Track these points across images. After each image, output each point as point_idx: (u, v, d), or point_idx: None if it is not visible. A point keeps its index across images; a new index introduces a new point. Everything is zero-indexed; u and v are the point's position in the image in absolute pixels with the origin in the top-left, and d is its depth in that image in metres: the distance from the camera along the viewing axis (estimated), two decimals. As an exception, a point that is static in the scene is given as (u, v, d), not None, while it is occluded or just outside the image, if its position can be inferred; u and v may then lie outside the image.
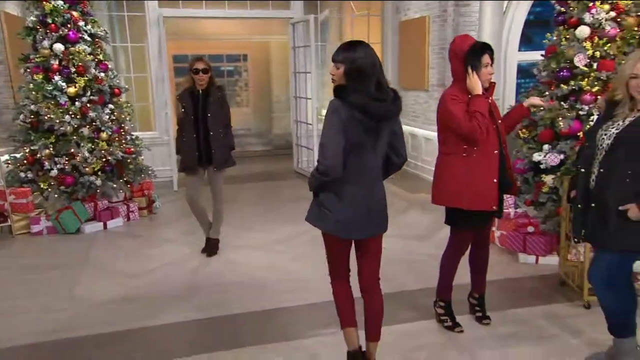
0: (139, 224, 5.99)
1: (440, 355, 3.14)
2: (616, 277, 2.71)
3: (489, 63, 3.10)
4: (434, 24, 7.33)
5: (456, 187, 3.15)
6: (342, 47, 2.56)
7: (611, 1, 4.19)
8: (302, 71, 8.07)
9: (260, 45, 11.57)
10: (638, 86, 2.52)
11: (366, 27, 8.71)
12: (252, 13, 8.18)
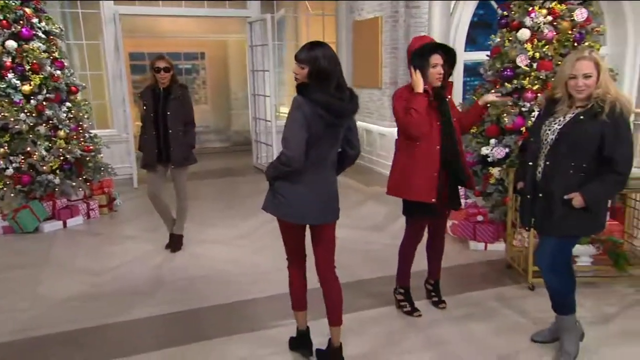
0: (100, 221, 5.83)
1: (399, 339, 3.22)
2: (559, 260, 2.87)
3: (438, 63, 3.15)
4: (387, 24, 7.44)
5: (402, 178, 3.28)
6: (306, 47, 2.64)
7: (548, 6, 4.36)
8: (260, 69, 8.04)
9: (217, 44, 11.41)
10: (576, 85, 2.65)
11: (321, 27, 8.75)
12: (209, 11, 8.07)
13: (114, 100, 7.75)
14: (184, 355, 3.10)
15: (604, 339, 3.17)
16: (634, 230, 4.16)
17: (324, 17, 8.74)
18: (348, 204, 6.24)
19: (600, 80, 2.63)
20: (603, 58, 2.76)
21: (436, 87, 3.21)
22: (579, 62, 2.65)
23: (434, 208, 3.29)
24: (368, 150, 8.25)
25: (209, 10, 8.04)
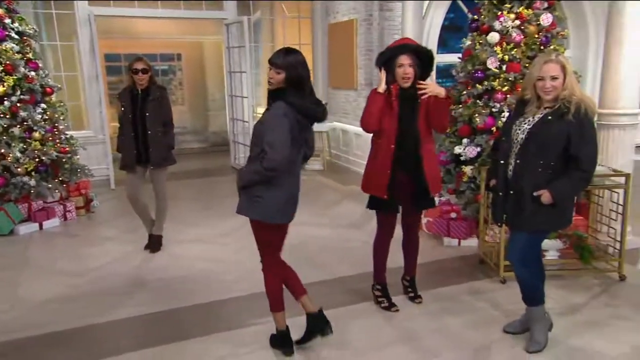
0: (77, 223, 5.72)
1: (378, 334, 3.25)
2: (529, 254, 2.96)
3: (404, 64, 3.15)
4: (361, 26, 7.50)
5: (365, 174, 3.41)
6: (281, 52, 2.73)
7: (516, 11, 4.45)
8: (237, 70, 8.00)
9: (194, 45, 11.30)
10: (543, 87, 2.73)
11: (297, 29, 8.76)
12: (185, 13, 7.97)
13: (90, 101, 7.62)
14: (163, 355, 3.07)
15: (571, 328, 3.26)
16: (598, 225, 4.28)
17: (299, 20, 8.74)
18: (325, 203, 6.29)
19: (566, 82, 2.71)
20: (569, 61, 2.84)
21: (403, 88, 3.22)
22: (546, 65, 2.73)
23: (392, 204, 3.35)
24: (344, 150, 8.31)
25: (185, 12, 7.96)
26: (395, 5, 7.36)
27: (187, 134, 10.95)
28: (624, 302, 3.60)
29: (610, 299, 3.67)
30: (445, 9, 7.95)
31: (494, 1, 4.56)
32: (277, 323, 3.01)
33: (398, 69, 3.19)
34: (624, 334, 3.19)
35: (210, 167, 8.78)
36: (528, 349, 3.00)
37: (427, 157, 3.30)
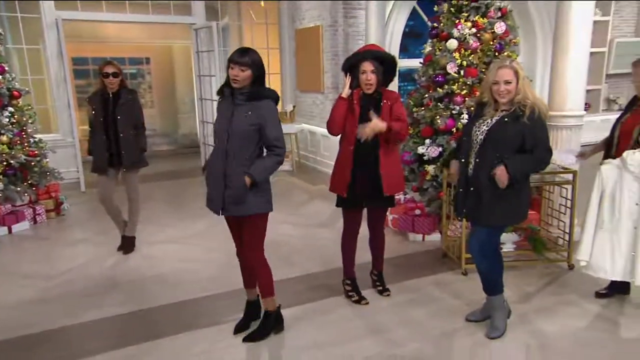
0: (47, 226, 5.56)
1: (348, 326, 3.29)
2: (489, 246, 3.07)
3: (367, 70, 3.20)
4: (327, 32, 7.54)
5: (332, 174, 3.48)
6: (244, 51, 2.80)
7: (472, 19, 4.57)
8: (206, 74, 7.91)
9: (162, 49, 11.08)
10: (498, 90, 2.84)
11: (265, 34, 8.74)
12: (154, 18, 7.82)
13: (58, 105, 7.40)
14: (140, 354, 3.03)
15: (526, 314, 3.39)
16: (549, 219, 4.45)
17: (267, 25, 8.72)
18: (295, 202, 6.31)
19: (519, 87, 2.83)
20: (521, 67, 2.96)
21: (366, 94, 3.27)
22: (501, 70, 2.84)
23: (356, 203, 3.42)
24: (312, 151, 8.34)
25: (154, 16, 7.81)
26: (358, 12, 7.46)
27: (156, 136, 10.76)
28: (572, 290, 3.75)
29: (560, 287, 3.81)
30: (406, 17, 8.10)
31: (452, 10, 4.67)
32: (272, 304, 3.15)
33: (361, 75, 3.24)
34: (571, 319, 3.34)
35: (180, 169, 8.65)
36: (489, 335, 3.10)
37: (385, 159, 3.33)
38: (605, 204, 3.19)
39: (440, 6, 4.82)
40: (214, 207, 2.95)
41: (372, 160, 3.32)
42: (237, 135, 2.80)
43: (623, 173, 3.08)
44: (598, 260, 3.24)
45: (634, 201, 3.05)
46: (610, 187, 3.15)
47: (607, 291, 3.60)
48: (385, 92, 3.37)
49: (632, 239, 3.10)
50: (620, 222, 3.13)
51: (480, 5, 4.58)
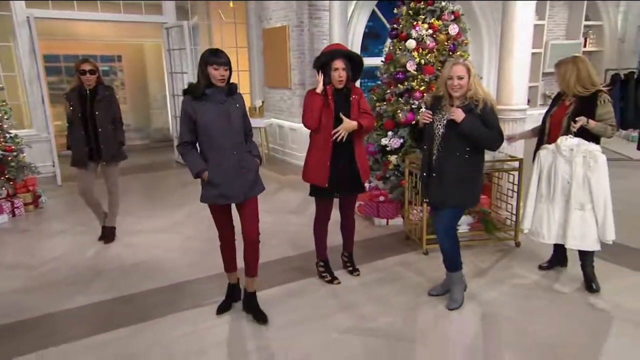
0: (26, 219, 5.35)
1: (322, 304, 3.34)
2: (452, 226, 3.18)
3: (339, 68, 3.24)
4: (293, 32, 7.50)
5: (306, 165, 3.45)
6: (220, 52, 2.81)
7: (429, 22, 4.64)
8: (178, 71, 7.75)
9: (134, 47, 10.71)
10: (452, 85, 2.94)
11: (233, 33, 8.61)
12: (125, 17, 7.56)
13: (32, 101, 7.08)
14: (125, 337, 2.99)
15: (481, 287, 3.53)
16: (498, 202, 4.62)
17: (235, 25, 8.59)
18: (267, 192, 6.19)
19: (471, 83, 2.94)
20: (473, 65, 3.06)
21: (337, 89, 3.31)
22: (455, 67, 2.94)
23: (331, 191, 3.44)
24: (281, 144, 8.32)
25: (125, 15, 7.55)
26: (323, 13, 7.46)
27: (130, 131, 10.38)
28: (519, 264, 3.92)
29: (509, 262, 3.97)
30: (366, 18, 8.16)
31: (410, 12, 4.72)
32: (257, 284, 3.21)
33: (333, 72, 3.26)
34: (519, 290, 3.51)
35: (154, 162, 8.44)
36: (448, 307, 3.22)
37: (359, 149, 3.43)
38: (543, 182, 3.42)
39: (399, 9, 4.87)
40: (233, 198, 2.90)
41: (349, 151, 3.37)
42: (237, 128, 2.86)
43: (557, 156, 3.30)
44: (537, 227, 3.47)
45: (566, 179, 3.29)
46: (547, 168, 3.38)
47: (548, 264, 3.81)
48: (353, 87, 3.42)
49: (564, 210, 3.34)
50: (555, 196, 3.36)
51: (435, 9, 4.65)
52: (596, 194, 3.23)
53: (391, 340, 2.89)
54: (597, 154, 3.22)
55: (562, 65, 3.39)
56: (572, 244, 3.35)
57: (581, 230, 3.29)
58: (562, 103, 3.48)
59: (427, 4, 4.64)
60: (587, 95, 3.31)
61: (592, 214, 3.27)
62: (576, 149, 3.22)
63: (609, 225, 3.25)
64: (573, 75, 3.30)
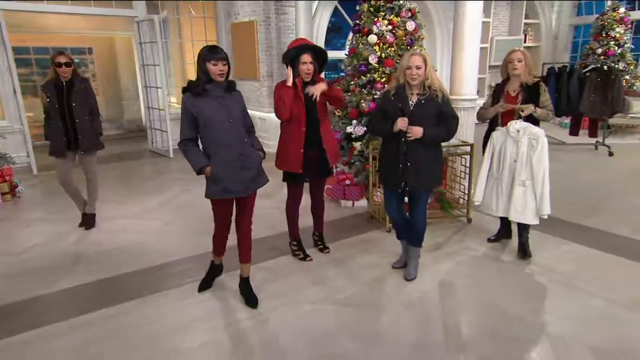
0: (4, 208, 5.11)
1: (297, 279, 3.39)
2: (426, 207, 3.28)
3: (307, 61, 3.25)
4: (261, 26, 7.40)
5: (279, 154, 3.42)
6: (218, 48, 2.72)
7: (388, 18, 4.68)
8: (150, 64, 7.52)
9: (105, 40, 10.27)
10: (410, 74, 2.98)
11: (203, 27, 8.41)
12: (96, 10, 7.21)
13: (3, 93, 6.71)
14: (117, 314, 2.97)
15: (438, 258, 3.68)
16: (452, 183, 4.77)
17: (205, 19, 8.38)
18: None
19: (427, 72, 3.00)
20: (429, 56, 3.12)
21: (306, 81, 3.33)
22: (413, 57, 2.99)
23: (303, 176, 3.46)
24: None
25: (95, 9, 7.22)
26: (289, 9, 7.40)
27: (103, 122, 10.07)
28: (471, 238, 4.08)
29: (462, 236, 4.13)
30: (329, 14, 8.15)
31: (372, 9, 4.74)
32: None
33: (302, 66, 3.27)
34: (471, 259, 3.69)
35: (129, 151, 8.21)
36: (407, 277, 3.34)
37: (326, 135, 3.46)
38: (494, 161, 3.60)
39: (361, 6, 4.89)
40: (236, 192, 2.81)
41: (318, 139, 3.40)
42: (238, 123, 2.78)
43: (507, 137, 3.48)
44: (487, 201, 3.67)
45: (513, 158, 3.46)
46: (498, 148, 3.56)
47: (495, 237, 4.00)
48: (319, 79, 3.42)
49: (509, 186, 3.52)
50: (503, 173, 3.53)
51: (394, 6, 4.70)
52: (536, 172, 3.41)
53: (359, 309, 2.99)
54: (540, 136, 3.39)
55: (525, 55, 3.47)
56: (515, 217, 3.54)
57: (522, 204, 3.47)
58: (507, 94, 3.58)
59: (387, 1, 4.68)
60: (531, 85, 3.46)
61: (532, 190, 3.46)
62: (522, 131, 3.39)
63: (546, 200, 3.43)
64: (531, 64, 3.48)
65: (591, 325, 2.77)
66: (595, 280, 3.29)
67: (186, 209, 4.95)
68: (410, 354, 2.53)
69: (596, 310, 2.92)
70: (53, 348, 2.63)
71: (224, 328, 2.81)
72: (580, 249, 3.80)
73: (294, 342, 2.64)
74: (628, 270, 3.43)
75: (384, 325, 2.81)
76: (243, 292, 3.10)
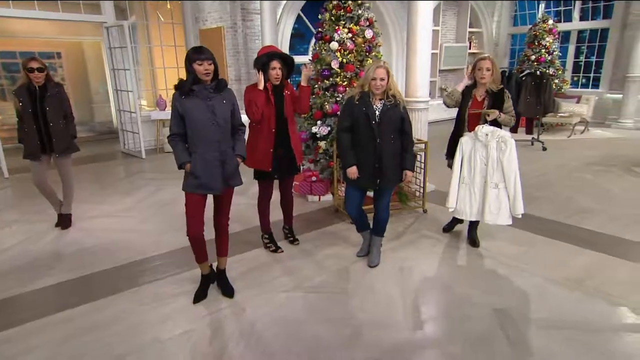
0: (-25, 211, 4.83)
1: (268, 270, 3.40)
2: (389, 201, 3.37)
3: (276, 67, 3.27)
4: (228, 33, 7.30)
5: (250, 153, 3.37)
6: (203, 48, 2.67)
7: (348, 26, 4.73)
8: (120, 68, 7.25)
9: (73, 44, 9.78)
10: (375, 85, 3.06)
11: (171, 33, 8.18)
12: (64, 16, 6.87)
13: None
14: (103, 307, 2.89)
15: (397, 247, 3.78)
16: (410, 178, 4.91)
17: (173, 25, 8.16)
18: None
19: (390, 83, 3.09)
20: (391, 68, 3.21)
21: (275, 85, 3.35)
22: (378, 69, 3.06)
23: (272, 174, 3.49)
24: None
25: (64, 14, 6.87)
26: (254, 16, 7.34)
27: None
28: (427, 227, 4.22)
29: (419, 226, 4.26)
30: (293, 21, 8.14)
31: (333, 18, 4.79)
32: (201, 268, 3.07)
33: (271, 71, 3.28)
34: (427, 247, 3.81)
35: (101, 153, 7.90)
36: (371, 264, 3.42)
37: (293, 136, 3.49)
38: (465, 166, 3.47)
39: (323, 15, 4.93)
40: (213, 189, 2.76)
41: (287, 139, 3.42)
42: (223, 123, 2.72)
43: (475, 142, 3.39)
44: (461, 206, 3.55)
45: (483, 162, 3.39)
46: (468, 153, 3.45)
47: (449, 226, 4.14)
48: (286, 84, 3.45)
49: (482, 190, 3.43)
50: (475, 177, 3.43)
51: (353, 16, 4.76)
52: (507, 173, 3.33)
53: (328, 294, 3.04)
54: (507, 138, 3.33)
55: (494, 64, 3.40)
56: (490, 220, 3.43)
57: (497, 206, 3.39)
58: (474, 98, 3.52)
59: (347, 11, 4.74)
60: (496, 92, 3.44)
61: (504, 192, 3.37)
62: (490, 134, 3.33)
63: (519, 200, 3.36)
64: (498, 72, 3.43)
65: (531, 300, 2.95)
66: (535, 261, 3.49)
67: (161, 207, 4.84)
68: (375, 333, 2.61)
69: (535, 287, 3.11)
70: (32, 345, 2.54)
71: (202, 318, 2.79)
72: (522, 234, 4.00)
73: (270, 328, 2.66)
74: (562, 251, 3.66)
75: (351, 308, 2.87)
76: (220, 284, 3.09)
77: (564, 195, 5.07)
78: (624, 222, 4.23)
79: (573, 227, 4.11)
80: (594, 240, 3.82)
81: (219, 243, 3.03)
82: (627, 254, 3.58)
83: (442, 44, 10.76)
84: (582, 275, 3.25)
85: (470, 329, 2.64)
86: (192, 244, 2.87)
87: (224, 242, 3.04)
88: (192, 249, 2.90)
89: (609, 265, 3.39)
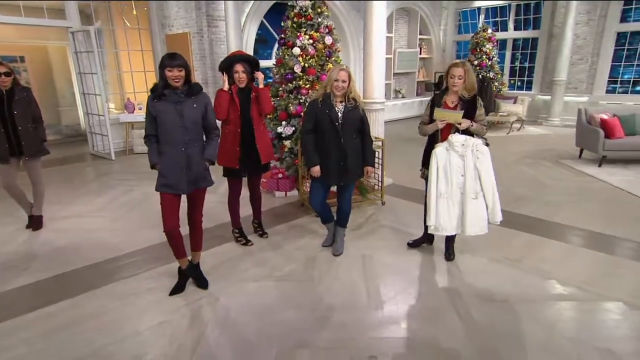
0: (-60, 216, 4.49)
1: (239, 262, 3.40)
2: (351, 194, 3.45)
3: (239, 70, 3.27)
4: (194, 38, 7.16)
5: (220, 151, 3.39)
6: (175, 55, 2.63)
7: (309, 33, 4.78)
8: (87, 72, 6.93)
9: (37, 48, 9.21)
10: (337, 86, 3.12)
11: (137, 38, 7.91)
12: (28, 20, 6.48)
13: None
14: (84, 302, 2.82)
15: (359, 236, 3.87)
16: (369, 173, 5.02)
17: (140, 31, 7.89)
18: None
19: (351, 86, 3.17)
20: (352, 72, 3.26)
21: (242, 88, 3.35)
22: (341, 72, 3.13)
23: (240, 171, 3.50)
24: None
25: (29, 19, 6.48)
26: (219, 22, 7.23)
27: (40, 128, 9.09)
28: (385, 218, 4.32)
29: (378, 217, 4.36)
30: (257, 27, 8.08)
31: (295, 25, 4.81)
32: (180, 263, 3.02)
33: (235, 75, 3.29)
34: (386, 235, 3.90)
35: (70, 155, 7.52)
36: (335, 253, 3.50)
37: (259, 136, 3.47)
38: (441, 178, 3.08)
39: (285, 22, 4.95)
40: (177, 189, 2.72)
41: (252, 138, 3.43)
42: (191, 127, 2.67)
43: (450, 152, 3.03)
44: (441, 222, 3.12)
45: (460, 173, 3.03)
46: (443, 164, 3.06)
47: (415, 243, 3.67)
48: (252, 86, 3.44)
49: (460, 202, 3.09)
50: (452, 190, 3.06)
51: (314, 23, 4.81)
52: (485, 182, 3.03)
53: (297, 282, 3.09)
54: (481, 147, 3.01)
55: (467, 72, 3.03)
56: (472, 232, 3.07)
57: (477, 217, 3.06)
58: (445, 105, 3.15)
59: (307, 19, 4.78)
60: (469, 99, 3.08)
61: (482, 201, 3.06)
62: (465, 143, 2.99)
63: (497, 208, 3.08)
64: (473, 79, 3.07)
65: (477, 278, 3.14)
66: (479, 243, 3.67)
67: (132, 206, 4.71)
68: (342, 315, 2.70)
69: (480, 266, 3.31)
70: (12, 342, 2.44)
71: (179, 309, 2.77)
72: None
73: (244, 315, 2.69)
74: (503, 234, 3.88)
75: (319, 293, 2.94)
76: (194, 276, 3.07)
77: (503, 185, 5.35)
78: (553, 207, 4.55)
79: (512, 214, 4.36)
80: (529, 224, 4.09)
81: (193, 238, 3.02)
82: (557, 234, 3.86)
83: (396, 49, 11.03)
84: (520, 254, 3.49)
85: (425, 307, 2.78)
86: (169, 240, 2.85)
87: (198, 237, 3.02)
88: (170, 244, 2.87)
89: (542, 245, 3.65)
